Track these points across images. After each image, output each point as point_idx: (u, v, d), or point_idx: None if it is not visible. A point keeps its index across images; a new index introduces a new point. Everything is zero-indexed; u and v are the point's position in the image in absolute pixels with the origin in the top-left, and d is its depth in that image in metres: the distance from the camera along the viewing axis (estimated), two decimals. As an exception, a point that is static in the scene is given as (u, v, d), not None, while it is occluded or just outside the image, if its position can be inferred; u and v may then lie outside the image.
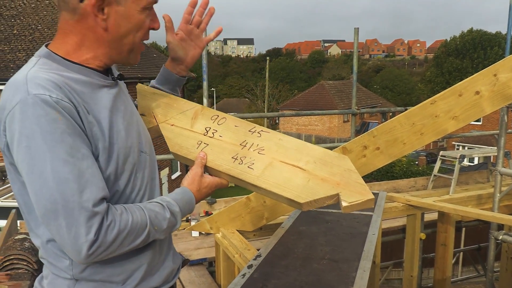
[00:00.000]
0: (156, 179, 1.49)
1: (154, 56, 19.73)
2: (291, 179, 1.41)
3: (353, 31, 6.03)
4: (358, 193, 1.37)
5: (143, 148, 1.41)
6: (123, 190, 1.31)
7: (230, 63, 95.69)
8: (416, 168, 22.70)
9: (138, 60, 1.41)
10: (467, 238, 6.79)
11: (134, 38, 1.31)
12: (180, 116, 1.63)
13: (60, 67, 1.25)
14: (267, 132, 1.56)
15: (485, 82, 2.64)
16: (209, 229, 3.55)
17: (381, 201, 3.38)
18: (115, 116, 1.30)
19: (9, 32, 15.02)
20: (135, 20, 1.28)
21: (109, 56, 1.32)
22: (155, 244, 1.42)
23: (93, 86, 1.28)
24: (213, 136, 1.55)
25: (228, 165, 1.47)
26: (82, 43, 1.28)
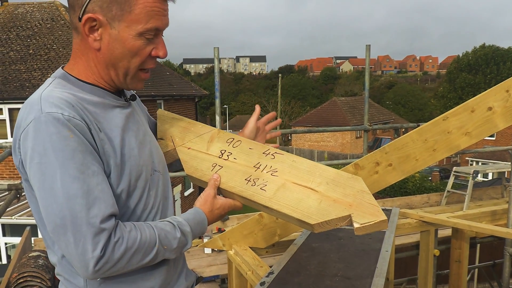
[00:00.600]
0: (170, 198, 1.50)
1: (167, 74, 19.89)
2: (303, 200, 1.41)
3: (365, 48, 6.05)
4: (371, 214, 1.36)
5: (156, 167, 1.42)
6: (135, 207, 1.33)
7: (242, 80, 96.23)
8: (429, 184, 22.48)
9: (139, 87, 1.40)
10: (481, 254, 6.70)
11: (129, 63, 1.31)
12: (197, 140, 1.66)
13: (74, 88, 1.29)
14: (281, 154, 1.57)
15: (497, 98, 2.63)
16: (222, 246, 3.56)
17: (394, 217, 3.36)
18: (127, 135, 1.32)
19: (25, 52, 15.28)
20: (129, 45, 1.28)
21: (110, 78, 1.34)
22: (169, 262, 1.43)
23: (105, 106, 1.31)
24: (228, 158, 1.57)
25: (241, 187, 1.48)
26: (88, 63, 1.32)
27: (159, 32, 1.32)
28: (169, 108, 18.09)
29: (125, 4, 1.24)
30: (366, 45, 6.01)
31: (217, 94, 5.33)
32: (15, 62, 14.83)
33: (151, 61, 1.35)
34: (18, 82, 14.08)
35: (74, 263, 1.17)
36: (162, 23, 1.30)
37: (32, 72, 14.51)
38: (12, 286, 3.52)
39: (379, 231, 3.00)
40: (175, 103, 19.00)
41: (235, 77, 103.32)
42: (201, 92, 21.54)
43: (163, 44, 1.35)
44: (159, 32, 1.32)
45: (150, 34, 1.29)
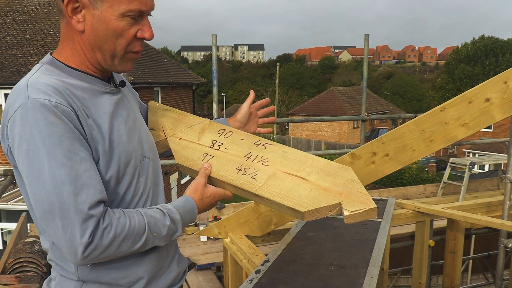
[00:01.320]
0: (160, 184, 1.50)
1: (164, 61, 19.80)
2: (294, 188, 1.43)
3: (364, 37, 6.02)
4: (361, 202, 1.37)
5: (146, 153, 1.42)
6: (125, 193, 1.33)
7: (240, 69, 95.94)
8: (425, 175, 22.53)
9: (128, 68, 1.37)
10: (476, 246, 6.74)
11: (115, 44, 1.29)
12: (188, 130, 1.67)
13: (62, 73, 1.29)
14: (272, 144, 1.59)
15: (495, 89, 2.63)
16: (218, 234, 3.56)
17: (390, 208, 3.37)
18: (116, 121, 1.32)
19: (22, 37, 15.17)
20: (113, 26, 1.26)
21: (96, 61, 1.32)
22: (160, 248, 1.43)
23: (94, 92, 1.31)
24: (219, 148, 1.59)
25: (232, 176, 1.49)
26: (74, 47, 1.31)
27: (144, 13, 1.30)
28: (166, 96, 18.04)
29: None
30: (365, 34, 5.98)
31: (214, 81, 5.30)
32: (12, 47, 14.73)
33: (137, 42, 1.33)
34: (15, 67, 13.99)
35: (63, 249, 1.17)
36: (146, 4, 1.29)
37: (28, 57, 14.42)
38: (8, 272, 3.53)
39: (375, 221, 3.02)
40: (172, 91, 18.93)
41: (233, 65, 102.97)
42: (198, 80, 21.47)
43: (149, 26, 1.33)
44: (144, 14, 1.30)
45: (134, 15, 1.27)
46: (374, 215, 1.37)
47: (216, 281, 3.89)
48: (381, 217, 3.12)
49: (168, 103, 18.12)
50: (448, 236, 4.36)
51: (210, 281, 3.87)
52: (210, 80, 6.90)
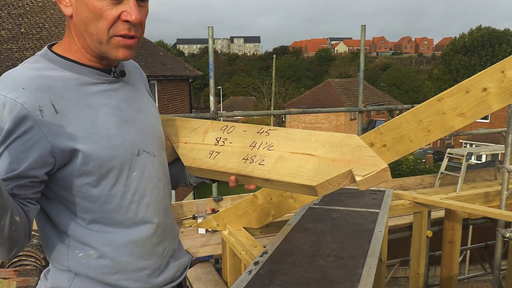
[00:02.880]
0: (163, 180, 1.46)
1: (160, 55, 19.75)
2: (302, 165, 1.42)
3: (360, 29, 6.01)
4: (371, 165, 1.36)
5: (146, 147, 1.38)
6: (112, 189, 1.30)
7: (236, 61, 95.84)
8: (423, 166, 22.57)
9: (121, 55, 1.29)
10: (474, 236, 6.77)
11: (97, 27, 1.23)
12: (192, 134, 1.68)
13: (50, 65, 1.27)
14: (275, 129, 1.59)
15: (492, 78, 2.62)
16: (216, 226, 3.56)
17: (388, 199, 3.37)
18: (104, 113, 1.29)
19: (17, 31, 15.10)
20: (92, 7, 1.21)
21: (88, 47, 1.28)
22: (157, 248, 1.42)
23: (81, 83, 1.28)
24: (224, 144, 1.59)
25: (240, 166, 1.49)
26: (70, 34, 1.30)
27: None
28: (162, 89, 18.00)
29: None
30: (362, 25, 5.96)
31: (211, 74, 5.28)
32: (7, 41, 14.66)
33: (122, 25, 1.25)
34: (10, 61, 13.94)
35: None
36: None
37: (24, 51, 14.36)
38: (7, 266, 3.52)
39: (373, 211, 3.02)
40: (168, 84, 18.89)
41: (229, 58, 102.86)
42: (194, 73, 21.42)
43: (135, 8, 1.24)
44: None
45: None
46: (388, 176, 1.35)
47: (215, 273, 3.89)
48: (379, 208, 3.13)
49: (164, 97, 18.17)
50: (445, 226, 4.38)
51: (209, 273, 3.87)
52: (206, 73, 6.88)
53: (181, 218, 4.89)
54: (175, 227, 1.57)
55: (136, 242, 1.36)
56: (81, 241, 1.30)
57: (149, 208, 1.38)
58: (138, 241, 1.36)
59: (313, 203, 3.26)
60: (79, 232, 1.29)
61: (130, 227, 1.34)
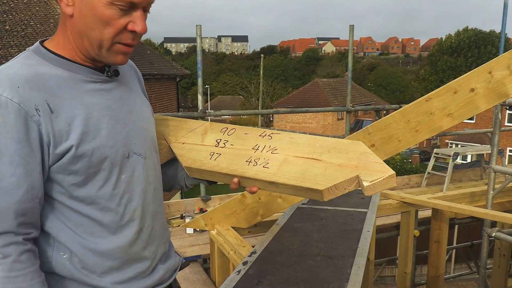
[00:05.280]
0: (153, 183, 1.44)
1: (148, 53, 19.65)
2: (308, 170, 1.42)
3: (348, 28, 6.02)
4: (378, 171, 1.37)
5: (137, 149, 1.37)
6: (100, 191, 1.28)
7: (224, 60, 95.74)
8: (409, 165, 22.76)
9: (119, 60, 1.30)
10: (460, 235, 6.84)
11: (102, 34, 1.22)
12: (190, 134, 1.65)
13: (43, 61, 1.25)
14: (278, 133, 1.58)
15: (480, 79, 2.65)
16: (204, 226, 3.55)
17: (376, 198, 3.38)
18: (96, 113, 1.27)
19: (1, 28, 14.90)
20: (100, 14, 1.20)
21: (84, 48, 1.26)
22: (143, 253, 1.41)
23: (74, 82, 1.26)
24: (225, 146, 1.57)
25: (243, 169, 1.48)
26: (65, 32, 1.27)
27: (136, 6, 1.22)
28: (150, 88, 17.88)
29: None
30: (350, 25, 5.97)
31: (199, 73, 5.26)
32: (-9, 39, 14.46)
33: (128, 35, 1.25)
34: (-5, 59, 13.75)
35: None
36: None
37: (8, 49, 14.17)
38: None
39: (361, 211, 3.03)
40: (156, 83, 18.80)
41: (217, 57, 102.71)
42: (182, 72, 21.34)
43: (142, 19, 1.25)
44: (136, 6, 1.23)
45: (123, 5, 1.20)
46: (393, 182, 1.36)
47: (203, 273, 3.88)
48: (367, 208, 3.14)
49: (151, 95, 18.05)
50: (432, 226, 4.41)
51: (197, 273, 3.85)
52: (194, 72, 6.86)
53: (169, 218, 4.86)
54: (166, 231, 1.55)
55: (121, 246, 1.34)
56: (66, 243, 1.28)
57: (136, 212, 1.36)
58: (123, 246, 1.34)
59: (302, 203, 3.26)
60: (64, 234, 1.28)
61: (116, 230, 1.33)
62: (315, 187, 1.37)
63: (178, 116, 5.40)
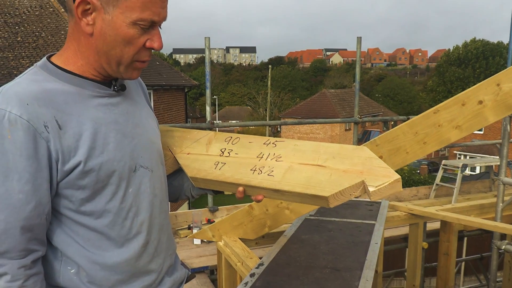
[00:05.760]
0: (159, 196, 1.45)
1: (157, 64, 19.77)
2: (313, 176, 1.42)
3: (356, 40, 6.04)
4: (384, 176, 1.37)
5: (144, 162, 1.37)
6: (107, 205, 1.29)
7: (232, 71, 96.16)
8: (417, 176, 22.66)
9: (134, 76, 1.34)
10: (469, 248, 6.76)
11: (123, 52, 1.26)
12: (194, 145, 1.66)
13: (50, 77, 1.26)
14: (282, 141, 1.58)
15: (488, 91, 2.64)
16: (211, 237, 3.55)
17: (384, 210, 3.37)
18: (104, 128, 1.28)
19: (13, 39, 15.09)
20: (122, 33, 1.23)
21: (100, 65, 1.29)
22: (149, 266, 1.41)
23: (82, 97, 1.27)
24: (229, 155, 1.57)
25: (248, 177, 1.47)
26: (78, 48, 1.28)
27: (155, 23, 1.27)
28: (158, 98, 18.00)
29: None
30: (357, 37, 5.99)
31: (207, 84, 5.29)
32: (3, 50, 14.64)
33: (145, 52, 1.30)
34: (6, 69, 13.91)
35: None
36: (158, 15, 1.25)
37: (20, 60, 14.34)
38: None
39: (369, 223, 3.01)
40: (164, 93, 18.90)
41: (225, 67, 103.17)
42: (190, 83, 21.44)
43: (159, 36, 1.29)
44: (155, 24, 1.27)
45: (145, 24, 1.24)
46: (399, 186, 1.36)
47: (210, 284, 3.87)
48: (375, 220, 3.12)
49: (160, 106, 18.17)
50: (441, 238, 4.37)
51: (204, 284, 3.85)
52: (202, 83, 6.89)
53: (177, 229, 4.86)
54: (172, 243, 1.55)
55: (128, 260, 1.34)
56: (73, 258, 1.29)
57: (143, 225, 1.37)
58: (130, 259, 1.35)
59: (309, 214, 3.25)
60: (72, 248, 1.28)
61: (123, 244, 1.33)
62: (320, 194, 1.36)
63: (186, 127, 5.43)
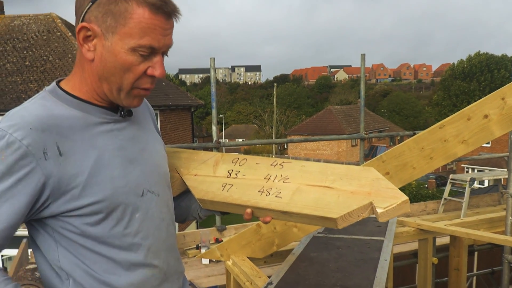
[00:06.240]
0: (166, 220, 1.44)
1: (163, 85, 19.92)
2: (321, 198, 1.42)
3: (360, 57, 6.08)
4: (392, 197, 1.36)
5: (151, 187, 1.37)
6: (112, 230, 1.28)
7: (238, 90, 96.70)
8: (425, 191, 22.53)
9: (135, 104, 1.33)
10: (480, 262, 6.69)
11: (122, 79, 1.25)
12: (201, 166, 1.66)
13: (58, 102, 1.27)
14: (289, 162, 1.58)
15: (493, 105, 2.65)
16: (220, 256, 3.54)
17: (392, 226, 3.36)
18: (108, 154, 1.28)
19: (22, 64, 15.30)
20: (121, 59, 1.22)
21: (103, 91, 1.29)
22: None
23: (87, 123, 1.27)
24: (237, 176, 1.57)
25: (256, 199, 1.47)
26: (83, 74, 1.30)
27: (156, 50, 1.26)
28: (165, 119, 18.10)
29: (120, 16, 1.20)
30: (361, 54, 6.03)
31: (213, 104, 5.32)
32: (12, 74, 14.85)
33: (146, 79, 1.29)
34: (15, 93, 14.08)
35: None
36: (158, 42, 1.24)
37: (28, 84, 14.52)
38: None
39: (377, 239, 3.01)
40: (171, 113, 19.01)
41: (231, 86, 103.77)
42: (196, 102, 21.58)
43: (161, 64, 1.28)
44: (156, 51, 1.26)
45: (144, 51, 1.23)
46: (407, 208, 1.36)
47: (219, 304, 3.85)
48: (384, 236, 3.11)
49: (167, 126, 18.26)
50: (451, 253, 4.34)
51: (213, 304, 3.83)
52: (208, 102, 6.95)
53: (185, 248, 4.86)
54: (180, 265, 1.55)
55: (136, 283, 1.33)
56: (80, 280, 1.28)
57: (150, 250, 1.36)
58: (139, 282, 1.34)
59: (317, 232, 3.25)
60: (79, 270, 1.28)
61: (129, 268, 1.32)
62: (328, 216, 1.36)
63: (193, 147, 5.45)
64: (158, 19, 1.23)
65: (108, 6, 1.21)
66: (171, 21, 1.27)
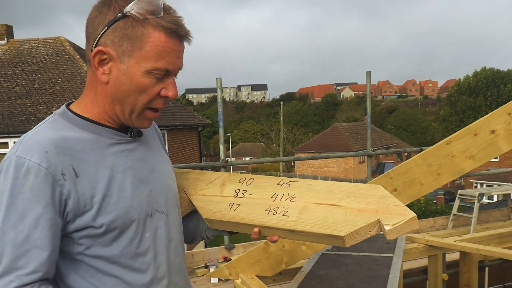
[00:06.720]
0: (174, 240, 1.45)
1: (170, 105, 20.03)
2: (328, 216, 1.42)
3: (366, 74, 6.11)
4: (399, 214, 1.36)
5: (160, 207, 1.39)
6: (124, 250, 1.29)
7: (244, 109, 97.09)
8: (434, 207, 22.36)
9: (145, 125, 1.36)
10: (491, 278, 6.62)
11: (136, 100, 1.27)
12: (209, 186, 1.67)
13: (69, 125, 1.29)
14: (296, 181, 1.58)
15: (500, 121, 2.66)
16: (228, 275, 3.54)
17: (401, 242, 3.35)
18: (120, 175, 1.30)
19: (30, 86, 15.48)
20: (137, 82, 1.25)
21: (115, 113, 1.31)
22: None
23: (99, 145, 1.29)
24: (244, 196, 1.58)
25: (263, 218, 1.48)
26: (95, 96, 1.31)
27: (170, 72, 1.29)
28: (172, 138, 18.16)
29: (137, 40, 1.23)
30: (367, 72, 6.06)
31: (220, 123, 5.36)
32: (21, 97, 15.01)
33: (159, 100, 1.31)
34: (24, 116, 14.23)
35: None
36: (173, 64, 1.27)
37: (37, 106, 14.67)
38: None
39: (386, 256, 3.00)
40: (178, 133, 19.08)
41: (237, 105, 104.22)
42: (204, 122, 21.66)
43: (174, 85, 1.31)
44: (170, 73, 1.29)
45: (159, 73, 1.26)
46: (415, 225, 1.35)
47: (228, 323, 3.83)
48: (393, 253, 3.10)
49: (174, 145, 18.32)
50: (461, 269, 4.31)
51: (222, 324, 3.81)
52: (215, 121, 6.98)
53: (193, 267, 4.85)
54: (188, 286, 1.55)
55: None
56: None
57: (159, 269, 1.37)
58: None
59: (326, 249, 3.24)
60: None
61: None
62: (336, 234, 1.36)
63: (200, 166, 5.47)
64: (173, 42, 1.26)
65: (124, 31, 1.23)
66: (183, 44, 1.30)
